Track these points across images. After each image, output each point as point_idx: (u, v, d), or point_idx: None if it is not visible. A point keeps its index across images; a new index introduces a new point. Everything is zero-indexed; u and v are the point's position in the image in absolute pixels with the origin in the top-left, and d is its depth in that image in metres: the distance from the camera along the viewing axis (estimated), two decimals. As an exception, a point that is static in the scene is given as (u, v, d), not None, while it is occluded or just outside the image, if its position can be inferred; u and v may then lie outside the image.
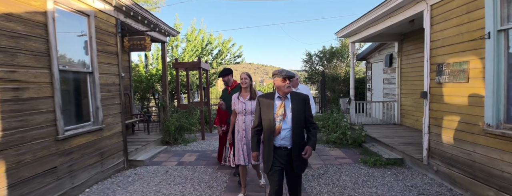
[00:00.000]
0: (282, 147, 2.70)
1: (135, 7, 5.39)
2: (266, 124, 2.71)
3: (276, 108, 2.69)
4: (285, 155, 2.70)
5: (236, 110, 3.74)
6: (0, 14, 2.92)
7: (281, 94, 2.70)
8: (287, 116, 2.67)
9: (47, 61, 3.49)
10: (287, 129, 2.67)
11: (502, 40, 3.27)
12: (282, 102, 2.70)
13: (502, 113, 3.31)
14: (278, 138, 2.68)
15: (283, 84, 2.64)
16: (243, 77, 3.74)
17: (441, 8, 4.25)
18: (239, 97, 3.76)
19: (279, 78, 2.66)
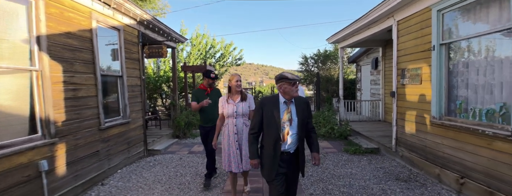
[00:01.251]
0: (284, 152, 2.61)
1: (153, 21, 6.39)
2: (271, 130, 2.58)
3: (283, 113, 2.58)
4: (288, 160, 2.63)
5: (226, 113, 3.54)
6: (63, 33, 3.92)
7: (288, 98, 2.59)
8: (294, 121, 2.59)
9: (93, 68, 4.50)
10: (293, 134, 2.59)
11: (443, 52, 4.28)
12: (288, 107, 2.60)
13: (443, 108, 4.31)
14: (283, 143, 2.58)
15: (292, 88, 2.55)
16: (237, 79, 3.59)
17: (404, 24, 5.26)
18: (228, 99, 3.58)
19: (288, 83, 2.54)
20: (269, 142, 2.61)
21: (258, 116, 2.65)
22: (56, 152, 3.67)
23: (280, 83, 2.58)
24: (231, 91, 3.63)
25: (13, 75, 3.25)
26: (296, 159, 2.68)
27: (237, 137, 3.51)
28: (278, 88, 2.63)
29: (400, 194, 3.96)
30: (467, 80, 3.97)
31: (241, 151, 3.52)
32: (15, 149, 3.08)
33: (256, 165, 2.72)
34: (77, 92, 4.13)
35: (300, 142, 2.64)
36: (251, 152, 2.73)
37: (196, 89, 4.65)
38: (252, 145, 2.72)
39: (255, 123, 2.67)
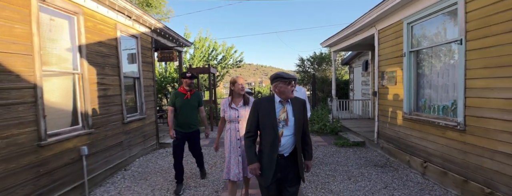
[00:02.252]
0: (278, 155, 2.47)
1: (164, 29, 7.21)
2: (268, 131, 2.46)
3: (278, 113, 2.47)
4: (282, 163, 2.48)
5: (228, 117, 3.42)
6: (96, 42, 4.73)
7: (284, 98, 2.48)
8: (290, 121, 2.46)
9: (118, 71, 5.31)
10: (288, 136, 2.46)
11: (412, 58, 5.11)
12: (284, 106, 2.49)
13: (412, 105, 5.14)
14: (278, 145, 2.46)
15: (288, 87, 2.44)
16: (241, 83, 3.46)
17: (383, 33, 6.09)
18: (231, 103, 3.44)
19: (283, 83, 2.44)
20: (266, 144, 2.47)
21: (254, 118, 2.53)
22: (92, 141, 4.48)
23: (275, 82, 2.49)
24: (234, 94, 3.45)
25: (61, 77, 4.07)
26: (292, 163, 2.50)
27: (240, 142, 3.36)
28: (273, 88, 2.53)
29: (375, 176, 4.79)
30: (430, 82, 4.80)
31: (244, 157, 3.33)
32: (64, 137, 3.88)
33: (256, 170, 2.50)
34: (106, 91, 4.94)
35: (297, 144, 2.49)
36: (249, 156, 2.54)
37: (176, 91, 4.41)
38: (250, 149, 2.54)
39: (251, 125, 2.55)
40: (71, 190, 3.96)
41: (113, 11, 5.16)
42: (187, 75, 4.26)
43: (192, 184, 4.58)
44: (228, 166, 3.40)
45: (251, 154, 2.53)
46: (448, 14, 4.19)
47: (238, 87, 3.43)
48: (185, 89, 4.31)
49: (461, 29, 3.77)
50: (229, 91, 3.57)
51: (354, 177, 4.75)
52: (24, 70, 3.30)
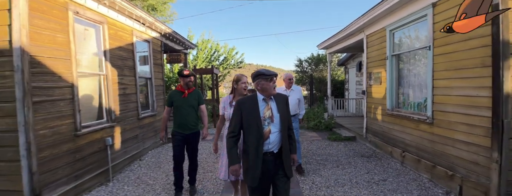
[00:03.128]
0: (268, 152, 2.46)
1: (172, 33, 7.89)
2: (252, 130, 2.43)
3: (263, 111, 2.46)
4: (272, 161, 2.47)
5: (228, 115, 3.33)
6: (117, 47, 5.41)
7: (267, 95, 2.48)
8: (275, 118, 2.46)
9: (133, 72, 5.99)
10: (276, 132, 2.47)
11: (394, 61, 5.79)
12: (268, 104, 2.49)
13: (394, 102, 5.83)
14: (266, 143, 2.44)
15: (270, 84, 2.45)
16: (245, 81, 3.42)
17: (371, 38, 6.77)
18: (232, 101, 3.37)
19: (264, 80, 2.45)
20: (251, 143, 2.44)
21: (237, 118, 2.49)
22: (115, 133, 5.16)
23: (257, 80, 2.48)
24: (236, 93, 3.40)
25: (90, 78, 4.75)
26: (281, 159, 2.50)
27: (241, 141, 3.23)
28: (255, 86, 2.52)
29: (360, 164, 5.47)
30: (409, 82, 5.48)
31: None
32: (93, 129, 4.56)
33: (238, 171, 2.48)
34: (125, 90, 5.62)
35: (283, 140, 2.50)
36: (231, 157, 2.51)
37: (173, 90, 4.22)
38: (232, 149, 2.50)
39: (235, 125, 2.50)
40: (98, 174, 4.64)
41: (130, 20, 5.84)
42: (184, 73, 3.98)
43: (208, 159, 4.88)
44: (224, 166, 3.29)
45: (233, 155, 2.50)
46: (421, 24, 4.87)
47: (241, 86, 3.36)
48: (182, 88, 4.06)
49: (430, 37, 4.45)
50: (231, 89, 3.50)
51: (342, 165, 5.43)
52: (64, 72, 3.98)
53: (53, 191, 3.70)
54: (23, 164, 3.35)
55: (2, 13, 3.29)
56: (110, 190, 4.46)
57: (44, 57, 3.63)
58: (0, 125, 3.35)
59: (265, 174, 2.45)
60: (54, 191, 3.72)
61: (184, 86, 4.05)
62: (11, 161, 3.37)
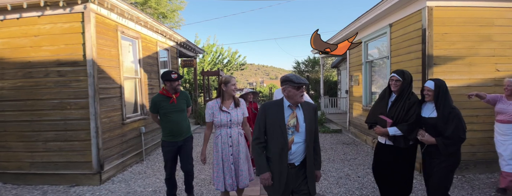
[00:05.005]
0: (289, 164, 2.32)
1: (186, 42, 9.32)
2: (276, 137, 2.31)
3: (287, 118, 2.32)
4: (293, 173, 2.34)
5: (218, 122, 3.06)
6: (147, 56, 6.83)
7: (293, 103, 2.33)
8: (301, 127, 2.30)
9: (157, 75, 7.41)
10: (299, 143, 2.31)
11: (367, 66, 7.19)
12: (294, 111, 2.34)
13: (368, 100, 7.24)
14: (288, 153, 2.31)
15: (297, 92, 2.28)
16: (234, 83, 3.14)
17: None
18: (221, 106, 3.08)
19: (292, 87, 2.28)
20: (274, 151, 2.32)
21: (262, 123, 2.37)
22: (145, 124, 6.58)
23: (284, 85, 2.34)
24: (225, 95, 3.13)
25: (130, 80, 6.17)
26: (303, 173, 2.35)
27: (232, 149, 3.06)
28: (282, 91, 2.37)
29: (340, 149, 6.88)
30: (377, 83, 6.88)
31: (237, 165, 3.05)
32: (132, 119, 5.99)
33: (269, 180, 2.33)
34: (152, 89, 7.05)
35: (308, 153, 2.33)
36: (259, 165, 2.36)
37: (156, 95, 3.75)
38: (260, 157, 2.36)
39: (259, 130, 2.38)
40: (135, 155, 6.06)
41: (156, 33, 7.28)
42: (172, 76, 3.55)
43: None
44: (219, 176, 3.05)
45: (262, 163, 2.34)
46: (383, 38, 6.27)
47: (231, 88, 3.10)
48: (168, 93, 3.65)
49: (388, 49, 5.86)
50: (218, 93, 3.19)
51: (325, 150, 6.83)
52: (116, 76, 5.41)
53: (109, 163, 5.12)
54: (93, 142, 4.78)
55: (78, 35, 4.72)
56: (145, 166, 5.88)
57: (104, 66, 5.06)
58: (77, 114, 4.79)
59: (286, 187, 2.32)
60: (110, 163, 5.15)
61: (171, 91, 3.64)
62: (84, 140, 4.80)
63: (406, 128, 2.95)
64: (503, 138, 3.81)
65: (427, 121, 2.95)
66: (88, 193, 4.48)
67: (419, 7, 4.65)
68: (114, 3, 5.02)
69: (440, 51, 4.54)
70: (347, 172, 5.18)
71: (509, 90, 3.77)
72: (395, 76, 3.10)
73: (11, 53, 4.87)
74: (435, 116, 2.87)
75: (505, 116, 3.79)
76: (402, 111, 3.02)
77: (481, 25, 4.60)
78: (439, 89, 2.88)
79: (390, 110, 3.13)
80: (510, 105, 3.77)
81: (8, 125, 4.93)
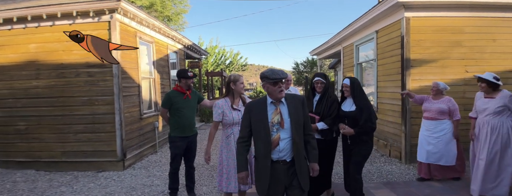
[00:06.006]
0: (279, 161, 2.26)
1: (192, 45, 10.08)
2: (261, 136, 2.27)
3: (271, 115, 2.26)
4: (285, 170, 2.26)
5: (229, 120, 3.08)
6: (159, 58, 7.56)
7: (274, 99, 2.28)
8: (286, 123, 2.24)
9: (168, 75, 8.15)
10: (286, 139, 2.24)
11: (359, 67, 7.94)
12: (277, 107, 2.28)
13: (359, 98, 7.98)
14: (276, 150, 2.25)
15: (275, 88, 2.22)
16: (242, 81, 3.22)
17: (345, 49, 8.93)
18: (232, 104, 3.13)
19: (269, 83, 2.22)
20: (259, 150, 2.32)
21: (246, 122, 2.37)
22: (159, 119, 7.32)
23: (263, 82, 2.31)
24: (235, 94, 3.17)
25: (146, 80, 6.91)
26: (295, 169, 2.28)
27: None
28: (262, 87, 2.36)
29: (333, 142, 7.60)
30: (367, 83, 7.62)
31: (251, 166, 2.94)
32: (148, 115, 6.73)
33: (245, 179, 2.37)
34: (164, 88, 7.79)
35: (298, 148, 2.26)
36: (239, 163, 2.39)
37: (171, 90, 4.01)
38: (241, 156, 2.38)
39: (244, 130, 2.38)
40: (150, 147, 6.81)
41: (167, 38, 8.03)
42: (189, 74, 3.84)
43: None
44: (228, 177, 3.04)
45: (242, 162, 2.37)
46: (371, 43, 7.01)
47: (240, 86, 3.16)
48: (183, 89, 3.85)
49: (375, 53, 6.60)
50: (226, 92, 3.25)
51: (320, 143, 7.57)
52: (135, 77, 6.15)
53: (130, 152, 5.87)
54: (117, 134, 5.52)
55: (104, 42, 5.46)
56: (159, 156, 6.63)
57: (126, 67, 5.81)
58: (103, 110, 5.53)
59: (276, 184, 2.27)
60: (131, 152, 5.89)
61: (185, 87, 3.87)
62: (109, 132, 5.54)
63: (331, 122, 3.37)
64: (427, 133, 4.35)
65: (348, 114, 3.32)
66: (115, 176, 5.22)
67: (398, 17, 5.40)
68: (135, 13, 5.77)
69: (416, 55, 5.29)
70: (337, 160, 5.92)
71: (434, 91, 4.32)
72: (320, 80, 3.49)
73: (45, 56, 5.61)
74: (354, 110, 3.28)
75: (429, 113, 4.31)
76: (326, 108, 3.42)
77: (452, 33, 5.34)
78: (354, 85, 3.31)
79: (316, 108, 3.49)
80: (434, 104, 4.28)
81: (42, 119, 5.67)
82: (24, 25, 5.59)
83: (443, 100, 4.28)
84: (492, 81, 3.58)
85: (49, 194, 4.49)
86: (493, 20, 5.37)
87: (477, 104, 3.86)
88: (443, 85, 4.34)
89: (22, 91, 5.67)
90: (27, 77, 5.63)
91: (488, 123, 3.62)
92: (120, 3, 5.15)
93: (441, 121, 4.26)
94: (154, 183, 4.86)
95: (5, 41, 5.71)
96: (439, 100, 4.30)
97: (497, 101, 3.58)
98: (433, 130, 4.30)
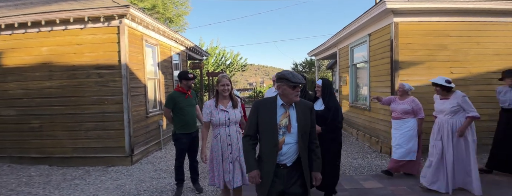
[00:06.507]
0: (280, 164, 2.25)
1: (194, 47, 10.46)
2: (267, 136, 2.25)
3: (280, 117, 2.24)
4: (284, 174, 2.25)
5: (216, 121, 3.11)
6: (163, 60, 7.94)
7: (287, 101, 2.24)
8: (293, 128, 2.22)
9: (171, 76, 8.52)
10: (291, 144, 2.23)
11: (353, 68, 8.33)
12: (286, 110, 2.25)
13: (353, 97, 8.37)
14: (279, 154, 2.24)
15: (292, 92, 2.19)
16: (224, 83, 3.14)
17: (341, 51, 9.32)
18: (218, 105, 3.14)
19: (287, 85, 2.18)
20: (264, 150, 2.29)
21: (254, 119, 2.33)
22: (163, 118, 7.70)
23: (279, 83, 2.25)
24: (219, 95, 3.18)
25: (151, 81, 7.29)
26: (296, 175, 2.26)
27: (232, 148, 3.12)
28: (277, 88, 2.32)
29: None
30: (361, 83, 8.02)
31: (235, 164, 3.12)
32: (153, 114, 7.11)
33: (257, 178, 2.29)
34: (167, 89, 8.18)
35: (301, 153, 2.26)
36: (248, 162, 2.33)
37: (173, 91, 4.29)
38: (249, 154, 2.33)
39: (250, 128, 2.35)
40: (155, 143, 7.19)
41: (170, 40, 8.42)
42: (189, 76, 4.16)
43: None
44: (220, 175, 3.14)
45: (250, 160, 2.31)
46: (365, 45, 7.40)
47: (220, 88, 3.14)
48: (183, 89, 4.18)
49: (368, 55, 6.99)
50: (215, 92, 3.28)
51: (317, 140, 7.96)
52: (141, 77, 6.54)
53: (138, 148, 6.25)
54: (126, 131, 5.90)
55: (114, 45, 5.84)
56: (163, 152, 7.01)
57: (134, 69, 6.19)
58: (112, 108, 5.91)
59: (275, 188, 2.25)
60: (138, 149, 6.27)
61: (186, 88, 4.19)
62: (118, 129, 5.92)
63: None
64: (395, 132, 4.70)
65: (318, 113, 3.35)
66: (124, 171, 5.61)
67: (388, 22, 5.79)
68: (142, 18, 6.16)
69: (404, 58, 5.68)
70: (332, 156, 6.32)
71: (401, 92, 4.66)
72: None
73: (58, 58, 6.00)
74: (323, 109, 3.48)
75: (396, 113, 4.65)
76: None
77: (438, 36, 5.73)
78: (325, 86, 3.48)
79: None
80: (400, 104, 4.62)
81: (55, 117, 6.05)
82: (37, 29, 5.97)
83: (407, 101, 4.62)
84: (444, 84, 3.86)
85: (64, 186, 4.87)
86: (477, 24, 5.76)
87: (435, 105, 4.14)
88: (408, 86, 4.71)
89: (36, 91, 6.05)
90: (41, 78, 6.01)
91: (447, 123, 3.90)
92: (129, 9, 5.53)
93: (405, 120, 4.61)
94: (161, 176, 5.24)
95: (19, 44, 6.09)
96: (404, 100, 4.66)
97: (451, 102, 3.86)
98: (399, 128, 4.66)
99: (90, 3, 6.28)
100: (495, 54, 5.81)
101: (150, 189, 4.62)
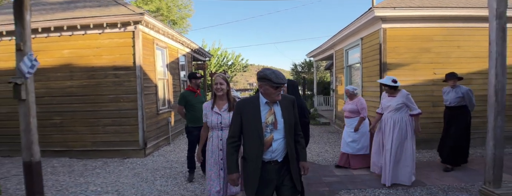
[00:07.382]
0: (271, 161, 2.26)
1: (198, 49, 11.08)
2: (253, 136, 2.24)
3: (265, 116, 2.24)
4: (276, 170, 2.27)
5: (209, 123, 2.99)
6: (171, 61, 8.55)
7: (271, 100, 2.25)
8: (279, 124, 2.24)
9: (178, 76, 9.13)
10: (279, 140, 2.25)
11: (348, 69, 8.94)
12: (271, 108, 2.26)
13: (348, 96, 8.98)
14: (268, 151, 2.24)
15: (275, 92, 2.20)
16: (218, 82, 2.98)
17: (337, 53, 9.94)
18: (214, 106, 3.00)
19: (269, 86, 2.18)
20: (251, 151, 2.27)
21: (237, 122, 2.30)
22: (171, 115, 8.32)
23: (261, 82, 2.22)
24: (216, 96, 3.03)
25: (161, 81, 7.89)
26: (287, 168, 2.28)
27: (223, 154, 2.95)
28: (259, 87, 2.28)
29: (325, 136, 8.61)
30: (355, 83, 8.62)
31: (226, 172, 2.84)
32: (163, 111, 7.72)
33: (236, 181, 2.31)
34: (175, 88, 8.79)
35: (289, 148, 2.27)
36: (229, 164, 2.33)
37: (184, 91, 4.87)
38: (231, 156, 2.31)
39: (234, 130, 2.31)
40: (164, 139, 7.80)
41: (177, 43, 9.04)
42: (197, 75, 4.75)
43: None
44: (211, 181, 2.99)
45: (232, 163, 2.32)
46: (358, 48, 8.02)
47: (214, 87, 3.03)
48: (193, 88, 4.79)
49: (361, 57, 7.61)
50: (212, 93, 3.17)
51: (314, 137, 8.57)
52: (153, 78, 7.15)
53: (150, 143, 6.86)
54: (140, 126, 6.52)
55: (129, 48, 6.45)
56: (172, 147, 7.63)
57: (146, 70, 6.81)
58: (128, 106, 6.52)
59: (268, 184, 2.27)
60: (150, 143, 6.88)
61: (195, 86, 4.81)
62: (133, 125, 6.54)
63: None
64: (347, 129, 5.21)
65: None
66: (138, 162, 6.22)
67: (377, 28, 6.40)
68: (154, 24, 6.78)
69: (392, 60, 6.29)
70: (326, 149, 6.94)
71: (348, 95, 5.27)
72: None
73: (78, 60, 6.61)
74: None
75: (346, 113, 5.25)
76: None
77: (423, 41, 6.34)
78: (289, 86, 3.47)
79: None
80: (348, 105, 5.20)
81: (76, 114, 6.66)
82: (59, 34, 6.58)
83: (354, 101, 5.17)
84: (390, 84, 4.22)
85: (87, 174, 5.48)
86: (458, 30, 6.37)
87: (382, 102, 4.50)
88: (351, 88, 5.31)
89: (58, 90, 6.66)
90: (63, 78, 6.62)
91: (391, 118, 4.27)
92: (143, 17, 6.15)
93: (354, 118, 5.16)
94: (173, 166, 5.86)
95: (43, 47, 6.69)
96: (352, 101, 5.23)
97: (397, 99, 4.24)
98: (350, 126, 5.17)
99: (107, 10, 6.89)
100: (474, 57, 6.41)
101: (165, 176, 5.24)
